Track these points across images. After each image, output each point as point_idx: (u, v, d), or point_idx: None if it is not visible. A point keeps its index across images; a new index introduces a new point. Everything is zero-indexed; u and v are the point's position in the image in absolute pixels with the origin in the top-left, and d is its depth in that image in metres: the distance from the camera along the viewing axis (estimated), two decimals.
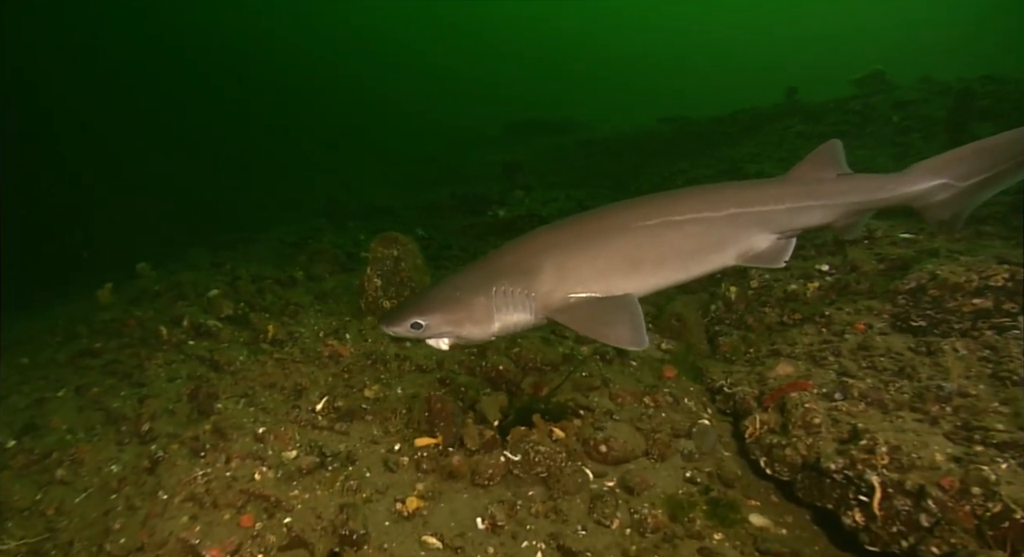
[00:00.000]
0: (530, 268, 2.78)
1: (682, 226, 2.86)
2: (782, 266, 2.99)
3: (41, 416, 4.12)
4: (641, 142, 14.46)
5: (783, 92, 12.20)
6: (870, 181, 3.13)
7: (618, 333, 2.59)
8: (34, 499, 3.20)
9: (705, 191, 3.11)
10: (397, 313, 2.84)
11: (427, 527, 2.75)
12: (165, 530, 2.69)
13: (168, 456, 3.22)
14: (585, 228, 2.92)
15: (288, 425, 3.36)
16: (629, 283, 2.82)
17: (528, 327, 2.87)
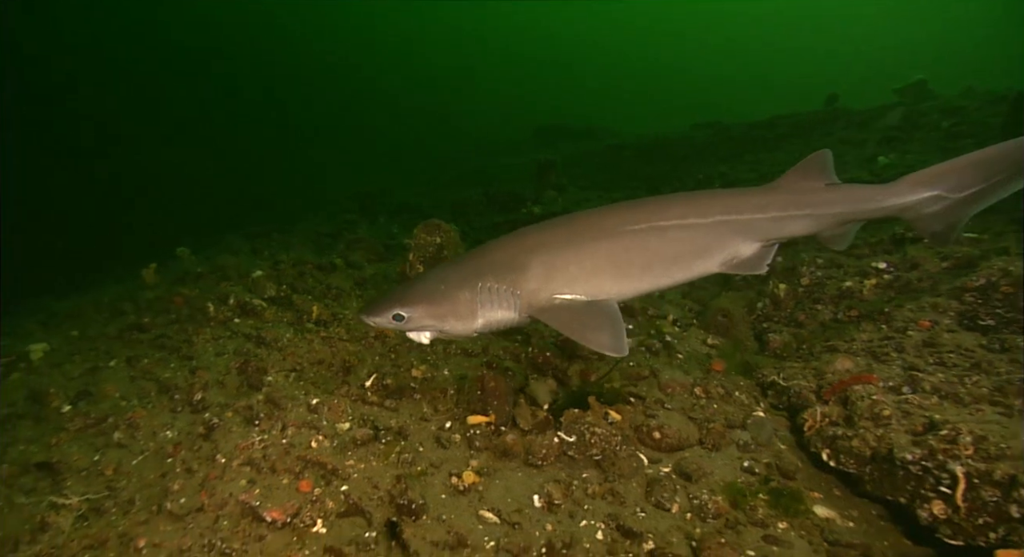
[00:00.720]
0: (518, 266, 2.76)
1: (668, 232, 2.87)
2: (763, 272, 2.99)
3: (94, 384, 4.20)
4: (674, 147, 14.33)
5: (822, 100, 12.02)
6: (858, 191, 3.10)
7: (600, 339, 2.59)
8: (92, 460, 3.25)
9: (693, 197, 3.10)
10: (379, 303, 2.82)
11: (483, 502, 2.72)
12: (225, 492, 2.70)
13: (223, 423, 3.25)
14: (574, 229, 2.91)
15: (340, 398, 3.37)
16: (615, 286, 2.82)
17: (512, 325, 2.87)
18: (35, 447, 3.43)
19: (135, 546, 2.54)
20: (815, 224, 3.04)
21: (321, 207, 14.76)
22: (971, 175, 3.00)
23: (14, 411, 4.14)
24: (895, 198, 3.05)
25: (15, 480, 3.17)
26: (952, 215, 3.07)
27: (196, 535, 2.54)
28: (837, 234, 3.17)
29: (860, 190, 3.12)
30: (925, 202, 3.04)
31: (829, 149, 3.14)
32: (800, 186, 3.08)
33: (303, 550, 2.42)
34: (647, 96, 48.26)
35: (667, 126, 18.48)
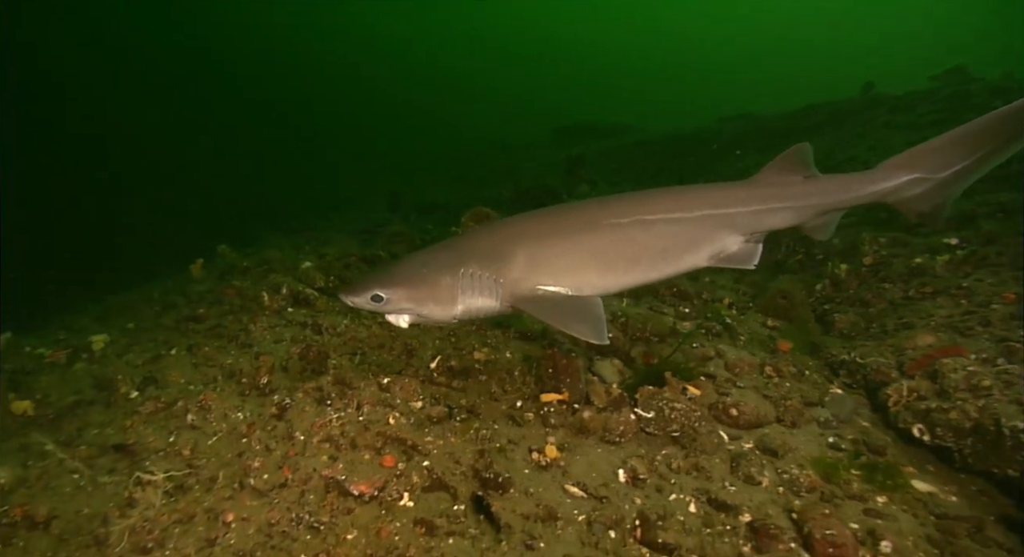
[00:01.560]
0: (502, 254, 2.74)
1: (654, 225, 2.85)
2: (753, 267, 2.97)
3: (158, 371, 4.25)
4: (703, 140, 14.18)
5: (859, 88, 11.79)
6: (836, 182, 3.13)
7: (580, 328, 2.57)
8: (167, 441, 3.27)
9: (678, 191, 3.11)
10: (359, 283, 2.79)
11: (567, 477, 2.68)
12: (308, 467, 2.70)
13: (295, 403, 3.25)
14: (561, 221, 2.90)
15: (409, 378, 3.35)
16: (600, 279, 2.80)
17: (492, 313, 2.83)
18: (110, 430, 3.47)
19: (223, 520, 2.55)
20: (796, 216, 3.07)
21: (348, 207, 14.93)
22: (950, 154, 3.01)
23: (82, 398, 4.22)
24: (874, 185, 3.08)
25: (94, 461, 3.21)
26: (937, 195, 3.09)
27: (283, 509, 2.54)
28: (819, 224, 3.20)
29: (838, 180, 3.14)
30: (905, 186, 3.06)
31: (807, 143, 3.16)
32: (779, 180, 3.11)
33: (393, 522, 2.40)
34: (661, 94, 47.97)
35: (688, 122, 18.31)
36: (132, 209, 17.82)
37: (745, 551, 2.21)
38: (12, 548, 2.64)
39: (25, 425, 3.99)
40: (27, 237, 14.34)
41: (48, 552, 2.59)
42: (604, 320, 2.60)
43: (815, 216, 3.13)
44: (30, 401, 4.07)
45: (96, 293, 8.30)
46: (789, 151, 3.14)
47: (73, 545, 2.61)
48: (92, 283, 9.37)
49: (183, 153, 22.71)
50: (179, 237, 13.67)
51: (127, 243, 14.70)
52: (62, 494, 2.92)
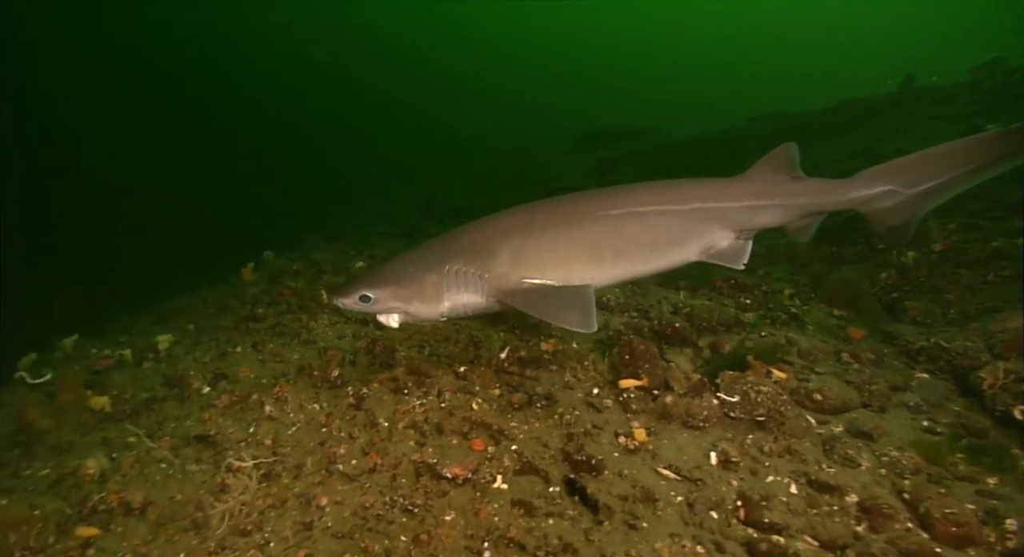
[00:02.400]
0: (487, 250, 2.70)
1: (645, 217, 2.81)
2: (741, 267, 2.95)
3: (227, 367, 4.33)
4: (735, 140, 14.04)
5: (882, 84, 11.61)
6: (821, 185, 3.11)
7: (568, 316, 2.50)
8: (248, 432, 3.32)
9: (669, 185, 3.05)
10: (347, 284, 2.79)
11: (657, 460, 2.65)
12: (397, 452, 2.72)
13: (372, 393, 3.28)
14: (547, 214, 2.85)
15: (483, 368, 3.36)
16: (588, 272, 2.75)
17: (479, 309, 2.79)
18: (189, 422, 3.54)
19: (317, 504, 2.57)
20: (784, 215, 3.05)
21: (379, 212, 15.09)
22: (923, 171, 3.01)
23: (154, 394, 4.31)
24: (853, 192, 3.07)
25: (179, 451, 3.27)
26: (906, 211, 3.08)
27: (376, 493, 2.55)
28: (803, 226, 3.19)
29: (823, 183, 3.12)
30: (879, 197, 3.06)
31: (794, 143, 3.16)
32: (769, 177, 3.09)
33: (490, 504, 2.39)
34: (682, 98, 47.53)
35: (715, 124, 18.15)
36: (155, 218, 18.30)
37: (859, 530, 2.15)
38: (111, 533, 2.70)
39: (104, 420, 4.09)
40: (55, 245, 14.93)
41: (147, 536, 2.64)
42: (594, 307, 2.54)
43: (800, 217, 3.12)
44: (107, 397, 4.17)
45: (137, 302, 8.54)
46: (776, 151, 3.12)
47: (171, 529, 2.65)
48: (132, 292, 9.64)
49: (192, 158, 23.20)
50: (212, 244, 14.04)
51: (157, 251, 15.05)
52: (153, 482, 2.98)
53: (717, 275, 5.05)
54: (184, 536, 2.61)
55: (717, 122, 17.89)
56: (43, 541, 2.63)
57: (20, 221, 15.71)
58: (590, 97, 52.52)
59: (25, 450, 3.98)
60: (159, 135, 24.93)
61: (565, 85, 59.04)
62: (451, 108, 45.53)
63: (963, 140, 2.96)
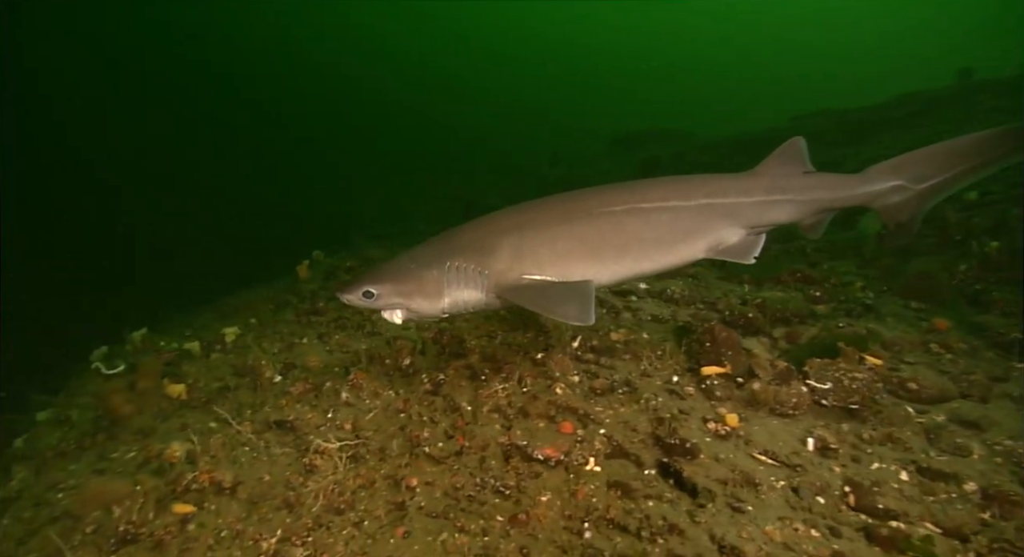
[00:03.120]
0: (487, 246, 2.70)
1: (649, 214, 2.76)
2: (751, 262, 2.88)
3: (296, 358, 4.42)
4: (777, 141, 13.70)
5: (954, 75, 11.20)
6: (834, 180, 3.07)
7: (566, 309, 2.49)
8: (326, 418, 3.36)
9: (675, 181, 3.00)
10: (352, 281, 2.82)
11: (751, 446, 2.58)
12: (483, 435, 2.71)
13: (449, 379, 3.30)
14: (549, 211, 2.82)
15: (559, 355, 3.33)
16: (588, 269, 2.72)
17: (480, 306, 2.78)
18: (268, 409, 3.61)
19: (407, 485, 2.58)
20: (797, 210, 3.00)
21: (420, 215, 15.24)
22: (930, 167, 2.99)
23: (226, 383, 4.42)
24: (866, 186, 3.03)
25: (261, 435, 3.33)
26: (913, 206, 3.06)
27: (466, 474, 2.55)
28: (815, 222, 3.14)
29: (835, 178, 3.08)
30: (890, 192, 3.04)
31: (802, 137, 3.12)
32: (780, 172, 3.04)
33: (586, 485, 2.36)
34: (716, 100, 46.78)
35: (755, 124, 17.82)
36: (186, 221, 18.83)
37: (986, 517, 2.04)
38: (204, 511, 2.75)
39: (180, 407, 4.22)
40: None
41: (241, 514, 2.69)
42: (593, 300, 2.52)
43: (814, 212, 3.07)
44: (183, 385, 4.30)
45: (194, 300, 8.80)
46: (786, 145, 3.08)
47: (264, 508, 2.70)
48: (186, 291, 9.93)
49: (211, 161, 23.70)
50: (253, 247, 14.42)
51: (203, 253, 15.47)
52: (240, 463, 3.04)
53: (783, 268, 4.93)
54: (278, 514, 2.65)
55: (761, 122, 17.59)
56: (144, 516, 2.71)
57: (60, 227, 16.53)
58: (620, 102, 52.13)
59: (109, 434, 4.13)
60: (173, 138, 25.56)
61: (592, 90, 58.82)
62: (479, 113, 45.57)
63: (969, 136, 2.94)
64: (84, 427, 4.47)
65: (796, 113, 15.77)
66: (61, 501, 3.33)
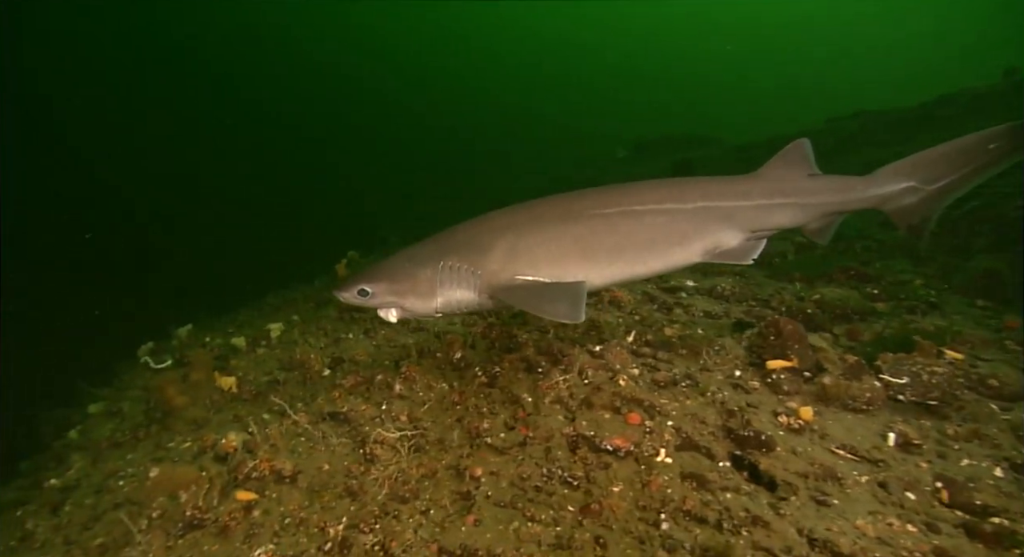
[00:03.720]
0: (481, 246, 2.70)
1: (643, 216, 2.73)
2: (749, 263, 2.84)
3: (343, 352, 4.44)
4: (815, 142, 13.46)
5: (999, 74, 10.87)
6: (840, 182, 2.99)
7: (556, 308, 2.48)
8: (380, 410, 3.35)
9: (671, 183, 2.98)
10: (349, 279, 2.82)
11: (827, 440, 2.49)
12: (547, 426, 2.67)
13: (504, 372, 3.26)
14: (543, 212, 2.81)
15: (616, 348, 3.28)
16: (581, 271, 2.70)
17: (473, 306, 2.78)
18: (320, 400, 3.62)
19: (471, 474, 2.55)
20: (801, 214, 2.93)
21: (453, 218, 15.27)
22: (942, 167, 2.92)
23: (274, 377, 4.46)
24: (875, 188, 2.95)
25: (315, 426, 3.34)
26: (926, 207, 2.99)
27: (532, 465, 2.51)
28: (822, 226, 3.06)
29: (842, 181, 3.00)
30: (902, 193, 2.96)
31: (807, 139, 3.04)
32: (783, 175, 2.97)
33: (659, 476, 2.30)
34: (740, 106, 46.13)
35: (788, 127, 17.51)
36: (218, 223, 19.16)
37: None
38: (267, 498, 2.76)
39: (231, 399, 4.26)
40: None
41: (304, 502, 2.69)
42: (584, 300, 2.51)
43: (820, 216, 2.99)
44: (234, 378, 4.34)
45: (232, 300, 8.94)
46: (790, 147, 3.00)
47: (327, 496, 2.69)
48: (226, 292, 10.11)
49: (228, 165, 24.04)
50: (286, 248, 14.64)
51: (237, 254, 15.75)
52: (298, 453, 3.05)
53: (834, 266, 4.81)
54: (341, 502, 2.64)
55: (794, 125, 17.30)
56: (209, 502, 2.72)
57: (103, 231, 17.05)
58: (639, 107, 51.72)
59: (162, 425, 4.19)
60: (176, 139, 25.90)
61: (612, 95, 58.42)
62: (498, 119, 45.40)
63: (977, 134, 2.86)
64: (137, 419, 4.56)
65: (832, 115, 15.46)
66: (122, 488, 3.38)
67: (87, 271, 15.49)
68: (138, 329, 6.61)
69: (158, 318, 6.99)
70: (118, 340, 8.22)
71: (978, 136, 2.87)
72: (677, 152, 19.24)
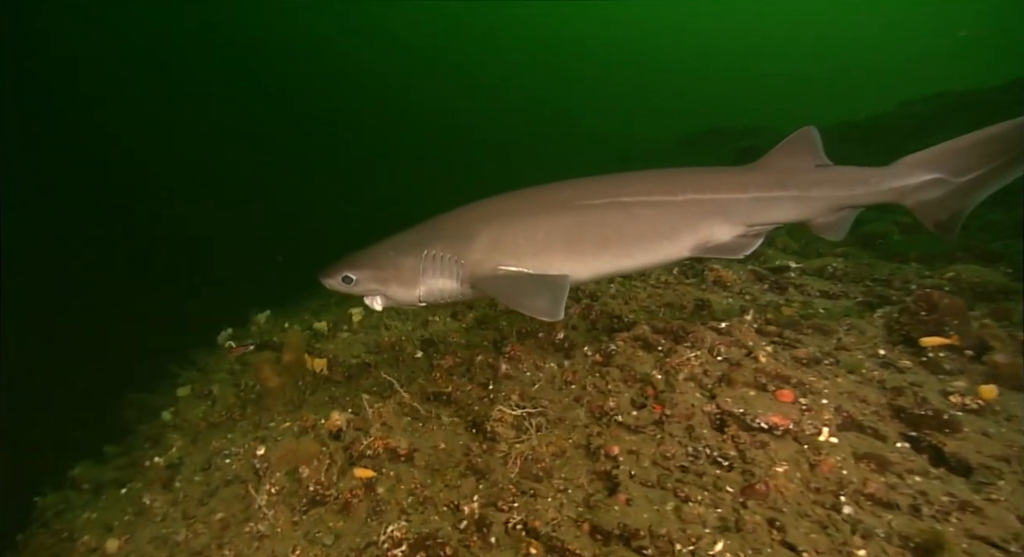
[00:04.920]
0: (465, 235, 2.65)
1: (631, 208, 2.65)
2: (741, 257, 2.70)
3: (432, 334, 4.36)
4: (884, 127, 12.74)
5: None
6: (850, 173, 2.78)
7: (536, 303, 2.43)
8: (487, 390, 3.24)
9: (662, 173, 2.86)
10: (333, 265, 2.77)
11: (1014, 421, 2.22)
12: (685, 403, 2.48)
13: (619, 350, 3.09)
14: (529, 201, 2.76)
15: (742, 325, 3.06)
16: (566, 264, 2.63)
17: (455, 295, 2.73)
18: (421, 381, 3.53)
19: (607, 453, 2.39)
20: (803, 208, 2.75)
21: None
22: (975, 157, 2.65)
23: (362, 360, 4.42)
24: (893, 181, 2.73)
25: (420, 405, 3.24)
26: (956, 202, 2.73)
27: (675, 444, 2.33)
28: (831, 222, 2.84)
29: (853, 172, 2.78)
30: (926, 186, 2.72)
31: (814, 127, 2.83)
32: (786, 166, 2.79)
33: (829, 457, 2.09)
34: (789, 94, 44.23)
35: (851, 113, 16.67)
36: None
37: None
38: (384, 476, 2.67)
39: (325, 382, 4.23)
40: None
41: (425, 480, 2.59)
42: (564, 296, 2.44)
43: (826, 211, 2.78)
44: (325, 360, 4.32)
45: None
46: (794, 136, 2.82)
47: (450, 475, 2.58)
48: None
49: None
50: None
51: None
52: (409, 432, 2.95)
53: (956, 245, 4.44)
54: (466, 480, 2.52)
55: (855, 111, 16.47)
56: (330, 478, 2.65)
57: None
58: (686, 102, 50.34)
59: (257, 406, 4.20)
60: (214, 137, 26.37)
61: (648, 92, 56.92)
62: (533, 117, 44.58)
63: (1016, 121, 2.54)
64: (229, 400, 4.58)
65: (904, 99, 14.64)
66: (230, 465, 3.36)
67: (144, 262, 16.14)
68: (212, 317, 6.72)
69: (233, 305, 7.12)
70: (185, 328, 8.47)
71: (1017, 124, 2.56)
72: (726, 144, 18.63)
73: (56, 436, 8.54)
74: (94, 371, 10.66)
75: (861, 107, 16.71)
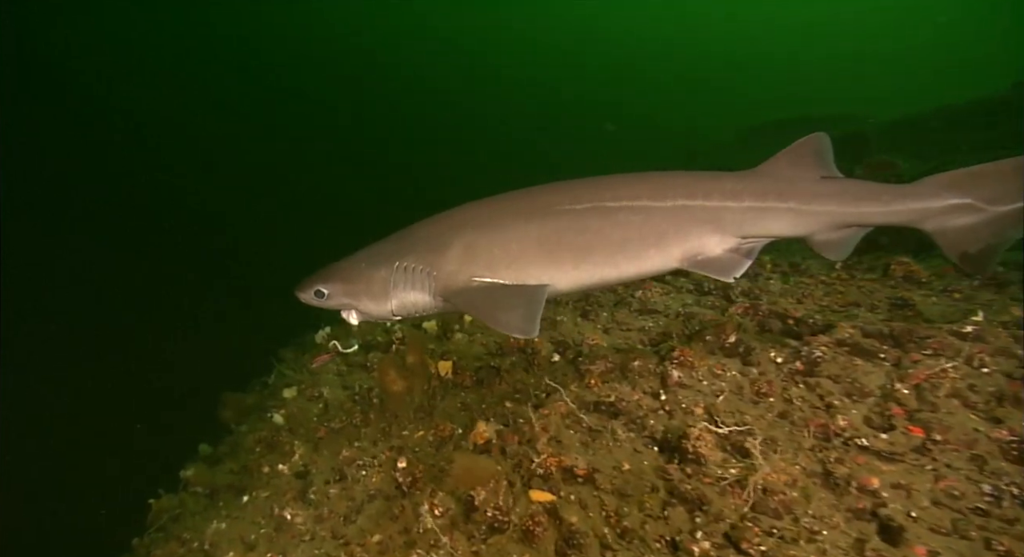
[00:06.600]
0: (438, 245, 2.50)
1: (615, 214, 2.44)
2: (731, 280, 2.48)
3: (565, 336, 4.00)
4: (995, 111, 11.51)
5: None
6: (861, 189, 2.52)
7: (508, 319, 2.26)
8: (659, 400, 2.81)
9: (650, 177, 2.62)
10: (306, 279, 2.64)
11: None
12: (961, 426, 1.99)
13: (827, 358, 2.61)
14: (506, 207, 2.57)
15: (992, 328, 2.51)
16: (544, 274, 2.44)
17: (429, 309, 2.58)
18: (575, 387, 3.14)
19: (862, 485, 1.94)
20: (801, 222, 2.50)
21: None
22: (1015, 183, 2.31)
23: (486, 363, 4.08)
24: (911, 202, 2.42)
25: (586, 414, 2.86)
26: (988, 233, 2.39)
27: (960, 478, 1.85)
28: (832, 240, 2.55)
29: (863, 187, 2.52)
30: (951, 212, 2.41)
31: (824, 133, 2.56)
32: (787, 175, 2.54)
33: None
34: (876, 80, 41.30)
35: (952, 96, 15.23)
36: None
37: None
38: (563, 500, 2.31)
39: (452, 387, 3.93)
40: None
41: (620, 507, 2.21)
42: (539, 311, 2.26)
43: (827, 227, 2.51)
44: (451, 362, 4.02)
45: None
46: (799, 143, 2.56)
47: (648, 502, 2.18)
48: None
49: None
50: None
51: None
52: (580, 448, 2.58)
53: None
54: (674, 510, 2.12)
55: (954, 95, 15.07)
56: (507, 502, 2.31)
57: None
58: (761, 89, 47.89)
59: (380, 412, 3.95)
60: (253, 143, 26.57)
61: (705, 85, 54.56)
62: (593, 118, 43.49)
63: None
64: (345, 405, 4.36)
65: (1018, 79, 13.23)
66: (368, 478, 3.10)
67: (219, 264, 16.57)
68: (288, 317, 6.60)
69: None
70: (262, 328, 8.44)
71: None
72: (795, 136, 17.36)
73: (155, 434, 8.78)
74: (186, 370, 10.99)
75: (965, 90, 15.31)
